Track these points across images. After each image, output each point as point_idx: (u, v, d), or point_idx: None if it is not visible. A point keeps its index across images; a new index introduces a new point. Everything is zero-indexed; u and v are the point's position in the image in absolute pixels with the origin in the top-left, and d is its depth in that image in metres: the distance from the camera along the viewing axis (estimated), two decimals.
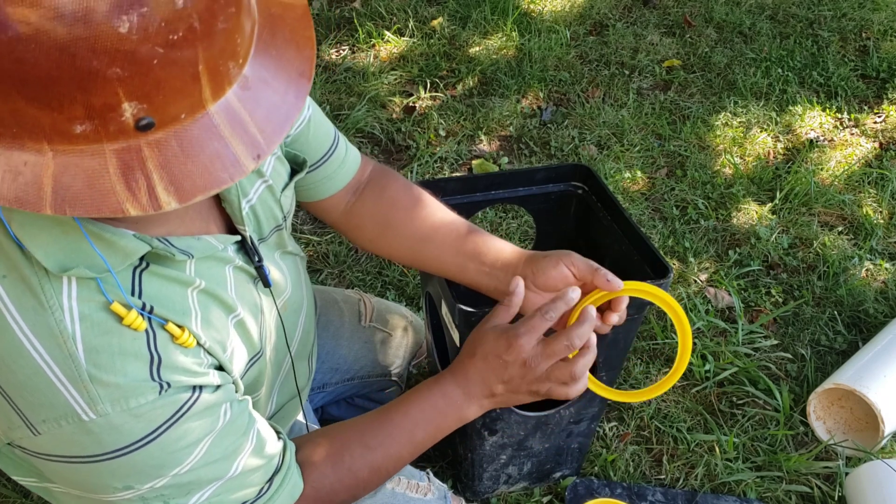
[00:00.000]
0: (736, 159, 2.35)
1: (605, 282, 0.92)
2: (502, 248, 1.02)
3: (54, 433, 0.69)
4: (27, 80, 0.52)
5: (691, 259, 2.00)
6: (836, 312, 1.88)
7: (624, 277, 1.22)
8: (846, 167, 2.35)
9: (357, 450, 0.89)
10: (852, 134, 2.52)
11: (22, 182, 0.54)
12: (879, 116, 2.60)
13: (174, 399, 0.72)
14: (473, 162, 2.31)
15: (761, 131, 2.49)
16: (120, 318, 0.69)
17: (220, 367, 0.80)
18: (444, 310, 1.14)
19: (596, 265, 0.94)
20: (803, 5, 3.17)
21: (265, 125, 0.62)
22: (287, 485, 0.85)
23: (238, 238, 0.86)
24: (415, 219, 1.07)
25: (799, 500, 1.50)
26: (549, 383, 0.87)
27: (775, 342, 1.80)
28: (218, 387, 0.78)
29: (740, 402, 1.67)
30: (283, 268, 0.99)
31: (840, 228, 2.13)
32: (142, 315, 0.70)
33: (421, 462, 1.50)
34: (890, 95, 2.68)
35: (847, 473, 1.49)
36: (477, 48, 2.81)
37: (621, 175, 2.27)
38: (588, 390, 0.99)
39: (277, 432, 0.88)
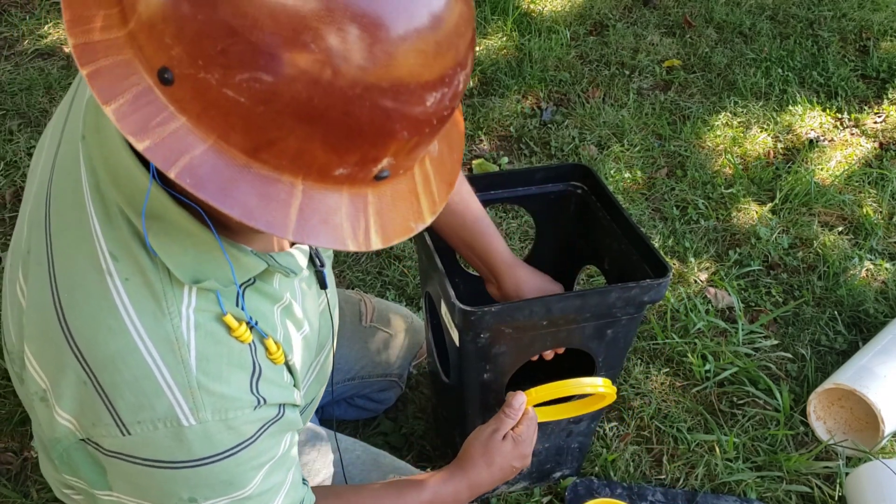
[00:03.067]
0: (736, 159, 2.35)
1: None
2: (487, 256, 1.18)
3: (146, 435, 0.70)
4: (339, 129, 0.57)
5: (691, 259, 2.00)
6: (836, 312, 1.88)
7: (623, 278, 1.23)
8: (846, 167, 2.35)
9: None
10: (852, 134, 2.52)
11: (273, 209, 0.59)
12: (879, 116, 2.60)
13: (263, 415, 0.75)
14: (473, 162, 2.31)
15: (761, 131, 2.49)
16: (230, 330, 0.72)
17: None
18: (444, 309, 1.14)
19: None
20: (803, 5, 3.17)
21: (439, 188, 0.70)
22: None
23: (306, 247, 0.89)
24: None
25: (799, 500, 1.50)
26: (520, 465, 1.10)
27: (775, 342, 1.80)
28: (295, 407, 0.82)
29: (740, 402, 1.67)
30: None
31: (840, 228, 2.13)
32: (250, 327, 0.74)
33: (422, 462, 1.50)
34: (890, 95, 2.68)
35: (847, 473, 1.49)
36: (477, 48, 2.81)
37: (621, 175, 2.26)
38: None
39: (303, 480, 0.92)
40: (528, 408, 1.11)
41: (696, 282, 1.94)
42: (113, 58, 0.56)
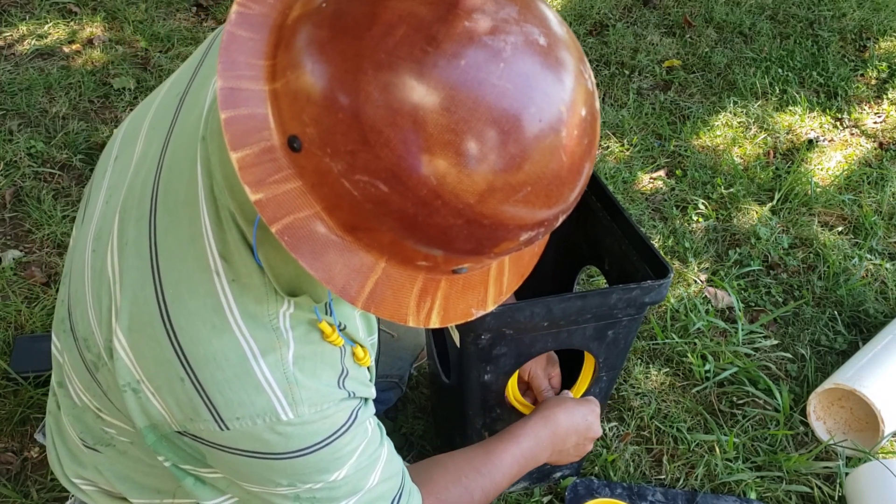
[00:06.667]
0: (736, 159, 2.35)
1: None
2: None
3: (245, 430, 0.73)
4: (433, 240, 0.61)
5: (691, 259, 2.00)
6: (836, 312, 1.88)
7: (624, 279, 1.23)
8: (846, 167, 2.35)
9: (472, 474, 1.03)
10: (852, 134, 2.52)
11: (352, 279, 0.63)
12: (879, 116, 2.60)
13: (351, 404, 0.79)
14: None
15: (761, 131, 2.49)
16: (323, 334, 0.76)
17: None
18: None
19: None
20: (803, 5, 3.17)
21: (511, 279, 0.72)
22: (413, 500, 0.91)
23: None
24: None
25: (799, 500, 1.50)
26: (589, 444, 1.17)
27: (775, 342, 1.80)
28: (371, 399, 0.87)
29: (740, 402, 1.67)
30: None
31: (840, 228, 2.13)
32: (340, 334, 0.78)
33: None
34: (890, 95, 2.68)
35: (847, 473, 1.49)
36: None
37: (621, 175, 2.27)
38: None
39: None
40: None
41: (696, 282, 1.95)
42: (251, 109, 0.59)
